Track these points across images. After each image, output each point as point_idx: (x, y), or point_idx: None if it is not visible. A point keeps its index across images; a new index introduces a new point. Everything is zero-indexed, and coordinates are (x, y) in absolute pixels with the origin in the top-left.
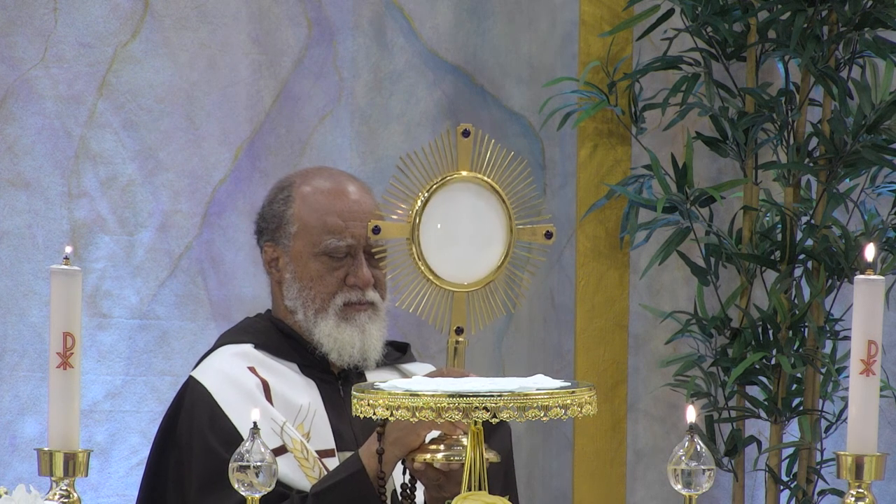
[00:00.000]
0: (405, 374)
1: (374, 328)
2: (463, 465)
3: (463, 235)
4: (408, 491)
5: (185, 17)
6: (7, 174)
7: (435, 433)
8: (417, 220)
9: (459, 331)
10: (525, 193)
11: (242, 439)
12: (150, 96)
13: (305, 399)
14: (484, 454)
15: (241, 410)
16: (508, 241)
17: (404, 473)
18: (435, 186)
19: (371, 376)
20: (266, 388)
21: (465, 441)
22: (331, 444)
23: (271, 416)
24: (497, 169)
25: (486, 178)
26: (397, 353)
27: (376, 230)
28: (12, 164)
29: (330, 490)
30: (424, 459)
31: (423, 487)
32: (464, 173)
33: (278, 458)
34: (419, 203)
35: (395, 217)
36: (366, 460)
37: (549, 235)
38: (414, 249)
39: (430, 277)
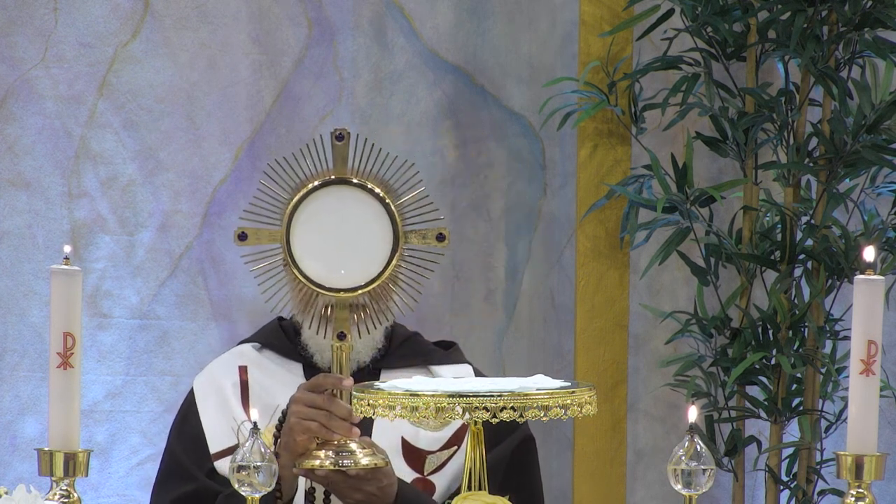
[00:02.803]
0: (434, 376)
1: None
2: (346, 472)
3: (341, 240)
4: (314, 496)
5: (185, 17)
6: (7, 174)
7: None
8: (289, 226)
9: (342, 336)
10: (414, 197)
11: (204, 439)
12: (150, 96)
13: (285, 399)
14: (366, 460)
15: (211, 411)
16: (394, 246)
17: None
18: (307, 192)
19: (388, 375)
20: (244, 388)
21: (352, 446)
22: None
23: (233, 415)
24: (381, 173)
25: (365, 182)
26: (439, 353)
27: (242, 236)
28: (12, 164)
29: (232, 493)
30: (311, 465)
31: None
32: (337, 177)
33: (227, 457)
34: (289, 209)
35: (266, 222)
36: None
37: (441, 238)
38: (287, 256)
39: (306, 282)
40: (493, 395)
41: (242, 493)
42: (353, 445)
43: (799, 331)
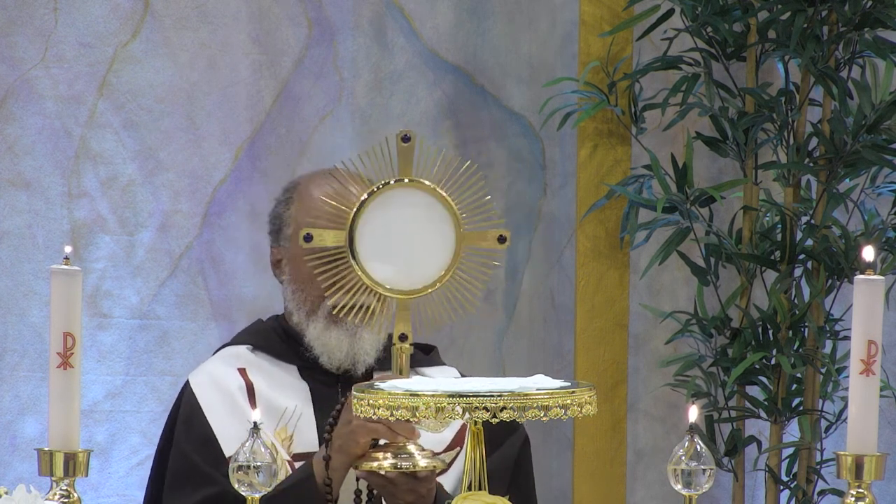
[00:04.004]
0: (424, 378)
1: (366, 332)
2: (406, 474)
3: (405, 242)
4: (360, 497)
5: (185, 17)
6: (7, 174)
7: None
8: (354, 228)
9: (403, 337)
10: (476, 198)
11: (216, 441)
12: (150, 96)
13: (292, 402)
14: (425, 462)
15: (220, 412)
16: (456, 247)
17: (357, 480)
18: (372, 193)
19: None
20: (250, 390)
21: (411, 448)
22: (314, 447)
23: (246, 417)
24: (444, 174)
25: (429, 184)
26: (420, 356)
27: (308, 238)
28: (12, 164)
29: (279, 495)
30: (370, 467)
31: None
32: (405, 179)
33: None
34: (354, 210)
35: (331, 224)
36: (316, 467)
37: (502, 240)
38: (351, 257)
39: (370, 284)
40: (493, 395)
41: (242, 493)
42: (412, 447)
43: (799, 331)
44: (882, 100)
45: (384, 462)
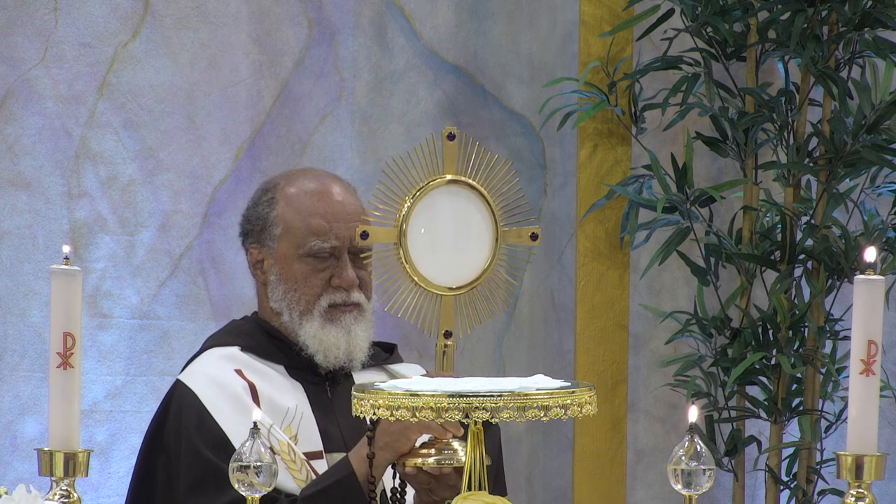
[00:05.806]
0: (393, 375)
1: (359, 329)
2: (454, 468)
3: (449, 239)
4: (397, 495)
5: (185, 17)
6: (7, 174)
7: (426, 437)
8: (404, 225)
9: (448, 334)
10: (511, 195)
11: (230, 442)
12: (150, 96)
13: (292, 401)
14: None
15: (229, 413)
16: (494, 244)
17: (394, 478)
18: (420, 191)
19: (358, 377)
20: (253, 390)
21: (455, 444)
22: (318, 446)
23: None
24: (482, 171)
25: (471, 182)
26: (385, 354)
27: (364, 235)
28: (13, 164)
29: (319, 494)
30: (415, 464)
31: (412, 491)
32: (449, 177)
33: None
34: (405, 207)
35: (382, 221)
36: (356, 464)
37: (534, 237)
38: (401, 253)
39: (418, 281)
40: (493, 395)
41: (243, 493)
42: (455, 443)
43: (799, 331)
44: (882, 100)
45: (428, 459)
